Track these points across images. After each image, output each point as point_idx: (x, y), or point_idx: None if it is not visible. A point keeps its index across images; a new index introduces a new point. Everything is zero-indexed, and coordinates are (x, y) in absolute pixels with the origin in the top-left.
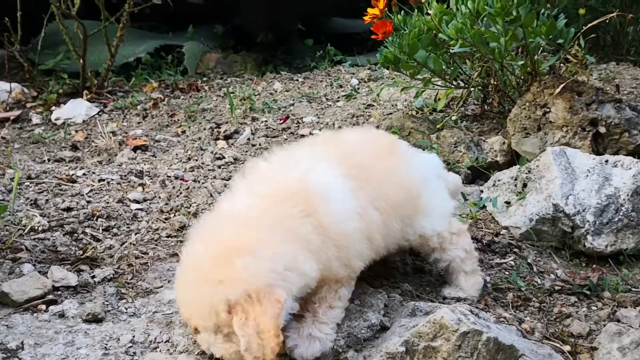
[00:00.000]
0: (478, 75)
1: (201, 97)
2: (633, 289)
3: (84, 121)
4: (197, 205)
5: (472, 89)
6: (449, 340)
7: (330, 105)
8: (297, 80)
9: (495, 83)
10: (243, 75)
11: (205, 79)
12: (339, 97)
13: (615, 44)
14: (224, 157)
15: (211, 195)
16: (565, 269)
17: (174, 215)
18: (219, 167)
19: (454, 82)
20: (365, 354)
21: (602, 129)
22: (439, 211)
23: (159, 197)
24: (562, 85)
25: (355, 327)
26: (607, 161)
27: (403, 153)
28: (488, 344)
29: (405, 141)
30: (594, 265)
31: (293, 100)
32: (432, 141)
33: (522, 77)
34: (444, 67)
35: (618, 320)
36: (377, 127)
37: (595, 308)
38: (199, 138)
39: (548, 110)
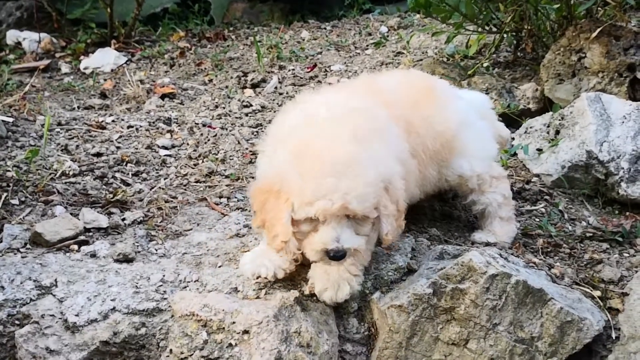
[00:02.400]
0: (511, 19)
1: (228, 46)
2: None
3: (112, 70)
4: (224, 152)
5: (504, 34)
6: (477, 282)
7: (358, 53)
8: (325, 28)
9: (529, 28)
10: (270, 24)
11: (231, 28)
12: (367, 45)
13: None
14: (251, 105)
15: (239, 142)
16: (598, 217)
17: (202, 162)
18: (246, 114)
19: (486, 27)
20: (392, 295)
21: None
22: (480, 153)
23: (187, 144)
24: (599, 29)
25: (382, 269)
26: None
27: (440, 97)
28: (517, 287)
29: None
30: (628, 213)
31: (321, 48)
32: (463, 87)
33: (557, 22)
34: (476, 11)
35: None
36: None
37: (627, 255)
38: (226, 86)
39: (583, 55)
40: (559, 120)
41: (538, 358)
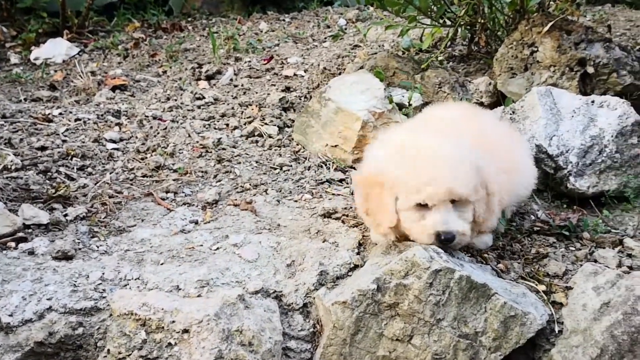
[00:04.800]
0: (465, 13)
1: (184, 37)
2: (612, 230)
3: (63, 61)
4: (174, 146)
5: (458, 28)
6: (420, 277)
7: (316, 45)
8: (284, 20)
9: (482, 21)
10: (229, 15)
11: (189, 19)
12: (325, 38)
13: None
14: (204, 98)
15: (189, 136)
16: (546, 211)
17: (150, 155)
18: (199, 107)
19: (441, 21)
20: (337, 291)
21: (590, 69)
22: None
23: (136, 137)
24: (550, 24)
25: (328, 265)
26: (593, 102)
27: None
28: (460, 282)
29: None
30: (575, 207)
31: (278, 40)
32: (416, 81)
33: (511, 15)
34: (430, 4)
35: (595, 261)
36: (362, 67)
37: (573, 249)
38: (180, 78)
39: (536, 49)
40: (511, 114)
41: (482, 353)
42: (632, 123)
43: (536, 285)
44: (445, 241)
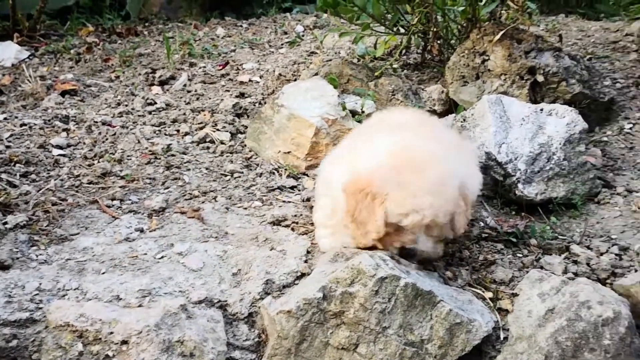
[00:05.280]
0: (418, 21)
1: (139, 41)
2: (560, 237)
3: (12, 65)
4: (122, 152)
5: (412, 36)
6: (366, 285)
7: (272, 52)
8: (241, 26)
9: (435, 30)
10: (186, 21)
11: (146, 24)
12: (282, 44)
13: None
14: (155, 103)
15: (139, 142)
16: (495, 217)
17: (98, 162)
18: (150, 113)
19: (394, 29)
20: (282, 300)
21: (540, 78)
22: None
23: (84, 143)
24: (501, 32)
25: (274, 273)
26: (542, 110)
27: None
28: (406, 289)
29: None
30: (523, 214)
31: (235, 46)
32: (369, 89)
33: (463, 24)
34: (384, 12)
35: (542, 267)
36: (316, 74)
37: (520, 255)
38: (133, 83)
39: (487, 58)
40: (461, 122)
41: None
42: (580, 131)
43: (483, 292)
44: (406, 255)
